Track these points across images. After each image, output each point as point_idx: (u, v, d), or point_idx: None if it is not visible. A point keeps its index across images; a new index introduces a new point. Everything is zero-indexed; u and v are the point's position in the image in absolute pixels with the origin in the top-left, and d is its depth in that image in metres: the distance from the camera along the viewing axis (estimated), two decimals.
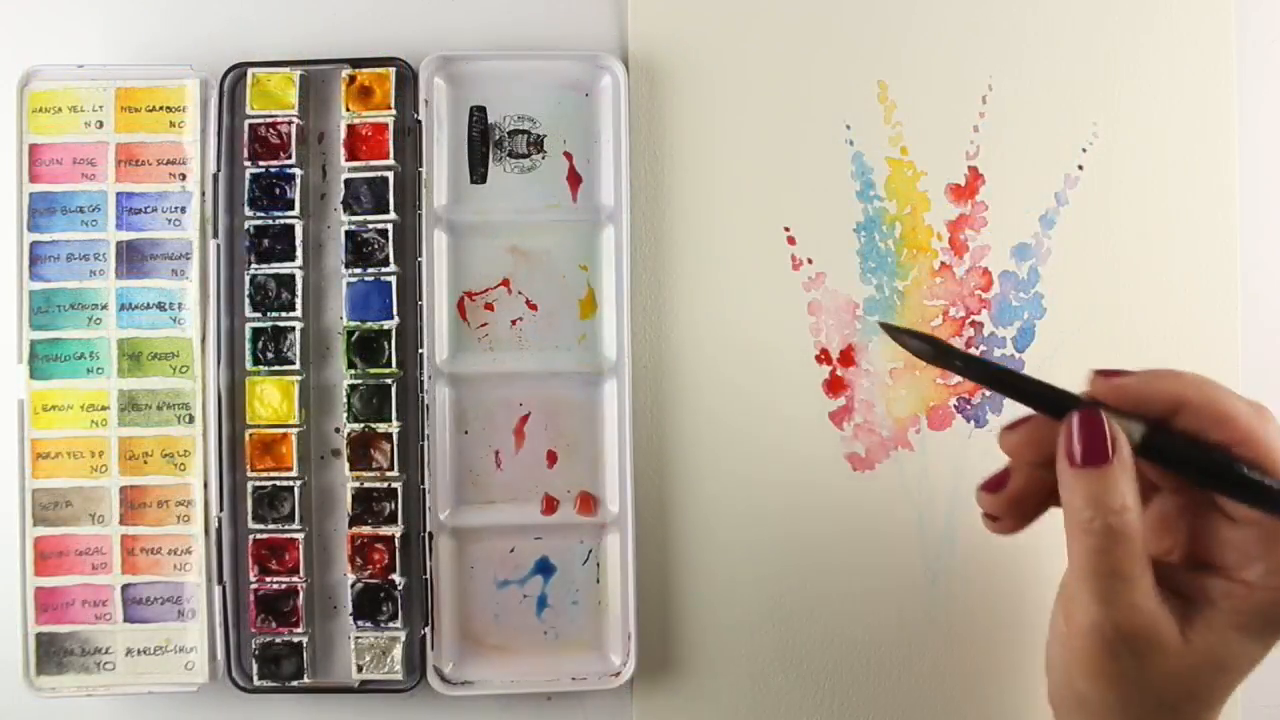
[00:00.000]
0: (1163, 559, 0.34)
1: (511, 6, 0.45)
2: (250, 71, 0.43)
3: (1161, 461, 0.32)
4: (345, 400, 0.43)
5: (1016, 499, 0.34)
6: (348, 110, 0.43)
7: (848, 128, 0.45)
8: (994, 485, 0.35)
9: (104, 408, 0.42)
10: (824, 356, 0.45)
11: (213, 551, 0.42)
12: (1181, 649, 0.31)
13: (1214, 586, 0.32)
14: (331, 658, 0.44)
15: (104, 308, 0.42)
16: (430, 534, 0.43)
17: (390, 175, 0.43)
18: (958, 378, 0.45)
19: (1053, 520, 0.39)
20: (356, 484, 0.43)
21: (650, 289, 0.45)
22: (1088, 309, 0.45)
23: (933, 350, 0.35)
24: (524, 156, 0.44)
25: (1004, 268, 0.45)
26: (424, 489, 0.43)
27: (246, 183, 0.43)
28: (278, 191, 0.43)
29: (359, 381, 0.43)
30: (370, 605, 0.43)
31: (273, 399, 0.43)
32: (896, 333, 0.36)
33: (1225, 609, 0.31)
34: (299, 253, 0.43)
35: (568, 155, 0.44)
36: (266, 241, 0.43)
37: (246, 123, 0.43)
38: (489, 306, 0.44)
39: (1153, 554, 0.33)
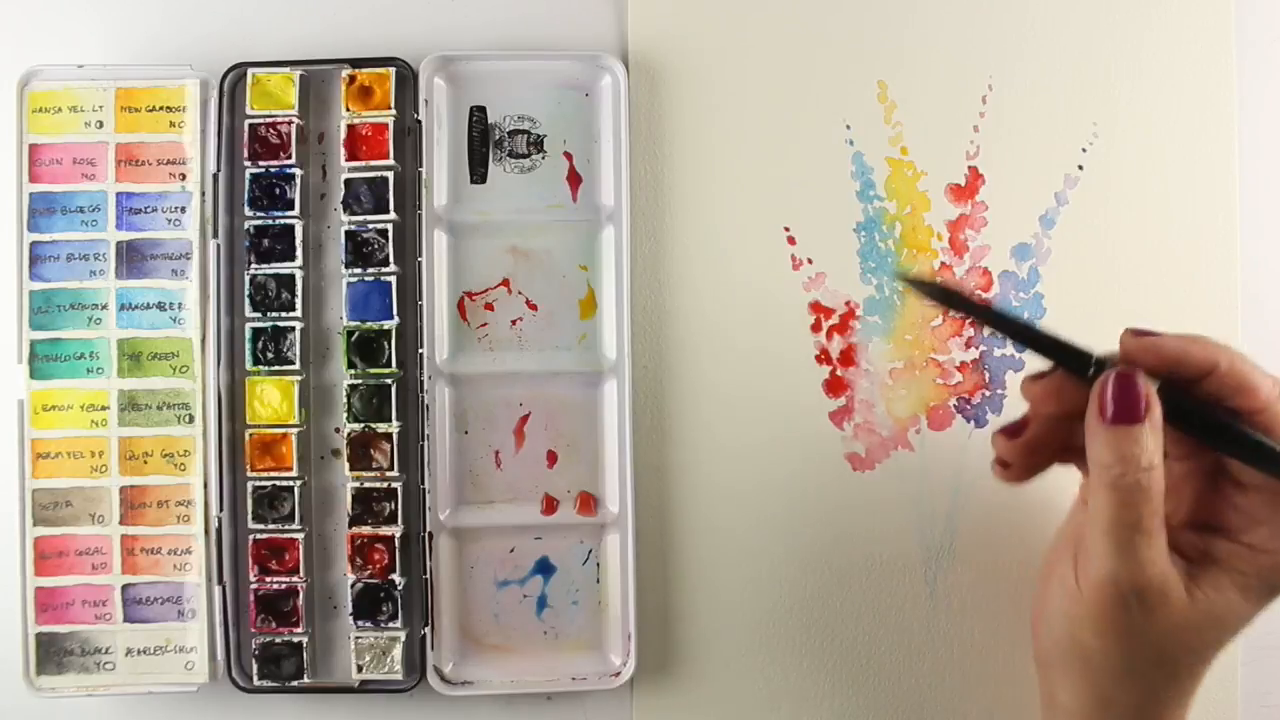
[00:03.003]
0: (1167, 521, 0.35)
1: (511, 6, 0.45)
2: (250, 71, 0.43)
3: (1176, 421, 0.33)
4: (345, 400, 0.43)
5: (1032, 447, 0.36)
6: (348, 110, 0.43)
7: (848, 128, 0.45)
8: (1012, 432, 0.37)
9: (104, 408, 0.42)
10: (824, 356, 0.45)
11: (213, 551, 0.42)
12: (1186, 605, 0.33)
13: (1219, 548, 0.33)
14: (331, 658, 0.44)
15: (104, 308, 0.43)
16: (430, 534, 0.43)
17: (390, 175, 0.43)
18: (958, 377, 0.45)
19: (1052, 521, 0.39)
20: (356, 484, 0.43)
21: (650, 289, 0.45)
22: (1088, 309, 0.45)
23: (950, 300, 0.37)
24: (524, 156, 0.44)
25: (1004, 268, 0.45)
26: (424, 489, 0.43)
27: (246, 183, 0.43)
28: (278, 191, 0.43)
29: (359, 381, 0.43)
30: (370, 605, 0.43)
31: (273, 399, 0.43)
32: (916, 285, 0.37)
33: (1229, 569, 0.33)
34: (299, 253, 0.43)
35: (568, 155, 0.44)
36: (266, 241, 0.43)
37: (246, 123, 0.43)
38: (489, 306, 0.44)
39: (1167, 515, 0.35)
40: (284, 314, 0.43)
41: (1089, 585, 0.34)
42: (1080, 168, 0.45)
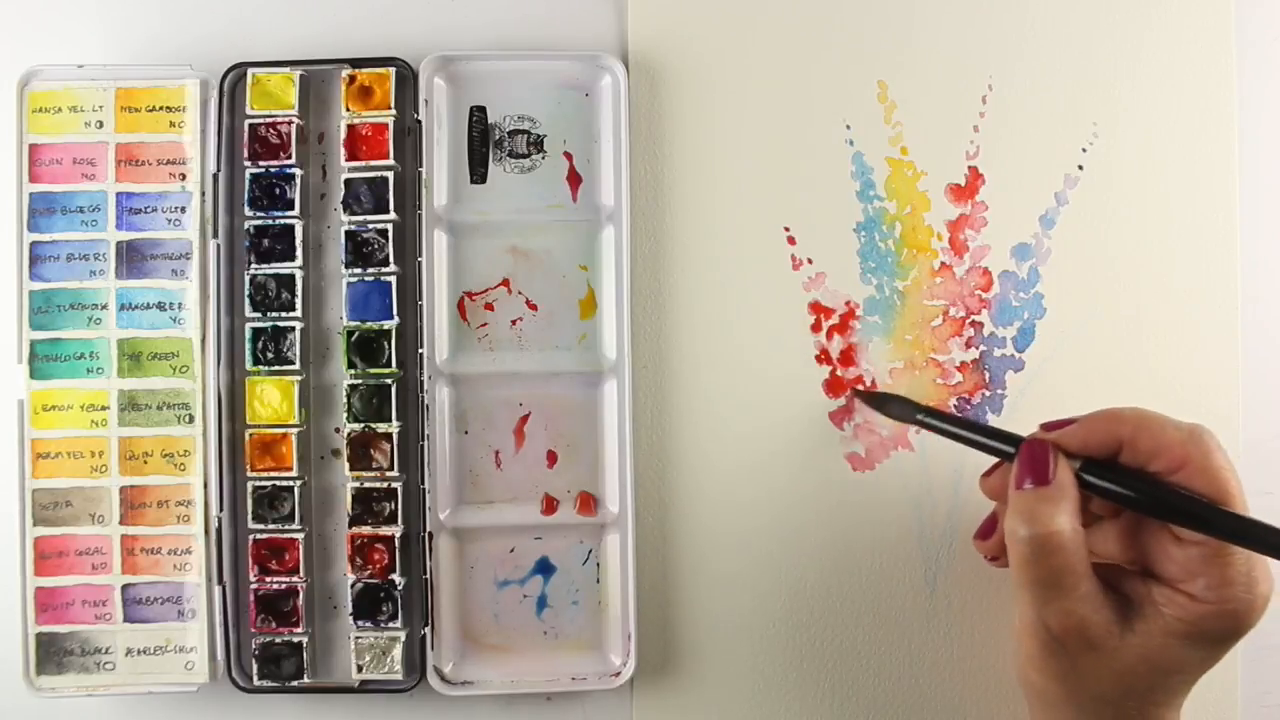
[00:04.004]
0: (1126, 567, 0.37)
1: (511, 6, 0.45)
2: (250, 71, 0.43)
3: (1103, 495, 0.35)
4: (345, 400, 0.43)
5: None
6: (348, 110, 0.43)
7: (848, 128, 0.45)
8: (984, 533, 0.40)
9: (104, 408, 0.42)
10: (824, 356, 0.45)
11: (213, 551, 0.42)
12: (1118, 649, 0.34)
13: (1160, 594, 0.35)
14: (331, 658, 0.44)
15: (104, 308, 0.42)
16: (430, 534, 0.43)
17: (390, 175, 0.43)
18: (958, 377, 0.45)
19: None
20: (356, 484, 0.43)
21: (650, 289, 0.45)
22: (1088, 309, 0.45)
23: (897, 409, 0.42)
24: (524, 156, 0.44)
25: (1004, 268, 0.45)
26: (424, 489, 0.43)
27: (246, 183, 0.43)
28: (278, 191, 0.43)
29: (359, 381, 0.43)
30: (370, 605, 0.43)
31: (273, 399, 0.43)
32: (868, 398, 0.43)
33: (1168, 616, 0.34)
34: (299, 253, 0.43)
35: (568, 155, 0.44)
36: (266, 241, 0.43)
37: (246, 123, 0.43)
38: (489, 306, 0.44)
39: (1119, 562, 0.37)
40: (284, 314, 0.43)
41: (1020, 630, 0.36)
42: (1080, 168, 0.45)
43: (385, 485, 0.43)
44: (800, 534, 0.44)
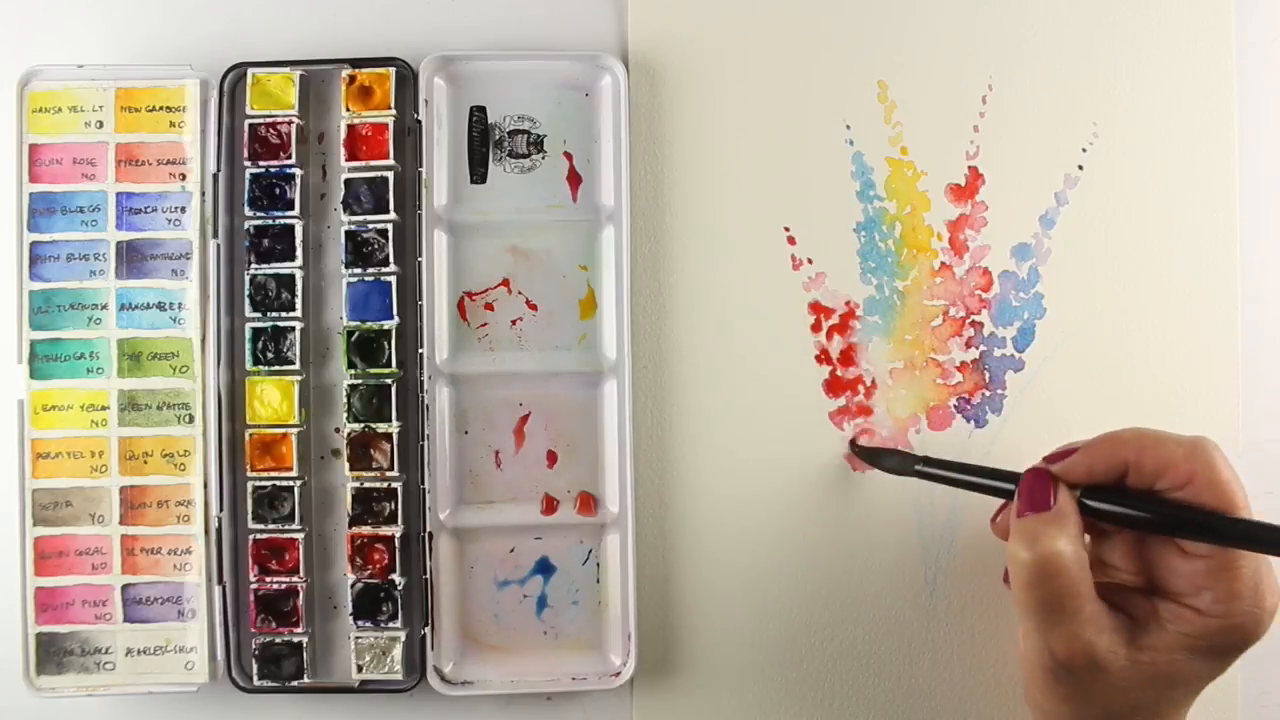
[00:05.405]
0: (1128, 585, 0.37)
1: (511, 6, 0.45)
2: (250, 71, 0.43)
3: (1107, 519, 0.36)
4: (345, 400, 0.43)
5: None
6: (348, 110, 0.43)
7: (848, 128, 0.45)
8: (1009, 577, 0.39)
9: (104, 408, 0.42)
10: (824, 356, 0.45)
11: (213, 551, 0.42)
12: (1125, 668, 0.34)
13: (1166, 610, 0.35)
14: (331, 658, 0.44)
15: (104, 308, 0.43)
16: (430, 534, 0.43)
17: (390, 175, 0.43)
18: (958, 377, 0.45)
19: None
20: (356, 484, 0.43)
21: (650, 289, 0.45)
22: (1088, 309, 0.45)
23: (895, 462, 0.42)
24: (524, 156, 0.44)
25: (1004, 268, 0.45)
26: (424, 489, 0.43)
27: (246, 183, 0.43)
28: (278, 191, 0.43)
29: (359, 381, 0.43)
30: (370, 605, 0.43)
31: (273, 399, 0.43)
32: (865, 453, 0.43)
33: (1174, 631, 0.34)
34: (299, 253, 0.43)
35: (568, 155, 0.44)
36: (266, 241, 0.43)
37: (246, 123, 0.43)
38: (489, 306, 0.44)
39: (1121, 580, 0.37)
40: (284, 314, 0.43)
41: (1023, 655, 0.36)
42: (1080, 168, 0.45)
43: (385, 485, 0.43)
44: (800, 534, 0.44)
